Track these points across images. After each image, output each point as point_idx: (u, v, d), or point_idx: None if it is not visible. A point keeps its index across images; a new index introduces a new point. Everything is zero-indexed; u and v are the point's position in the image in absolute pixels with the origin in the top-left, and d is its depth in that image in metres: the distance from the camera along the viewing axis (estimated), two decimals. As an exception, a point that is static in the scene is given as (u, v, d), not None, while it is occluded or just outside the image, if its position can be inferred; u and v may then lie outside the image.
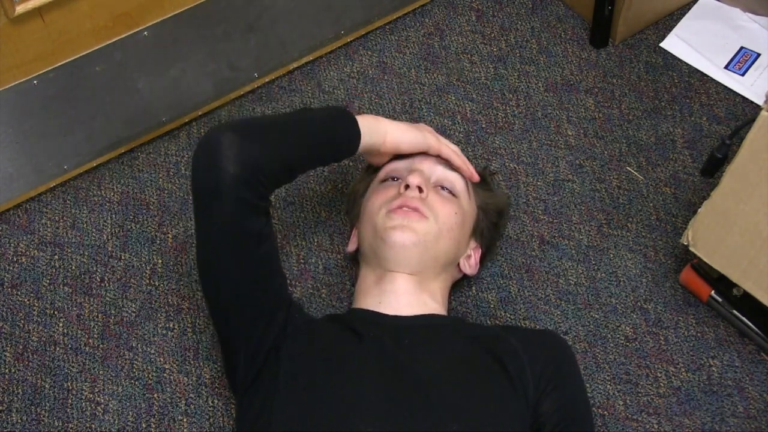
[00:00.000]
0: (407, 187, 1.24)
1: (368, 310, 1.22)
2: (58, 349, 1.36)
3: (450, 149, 1.30)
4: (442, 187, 1.28)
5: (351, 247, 1.34)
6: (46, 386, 1.33)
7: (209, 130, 1.14)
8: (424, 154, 1.31)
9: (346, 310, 1.34)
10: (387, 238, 1.20)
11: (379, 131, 1.24)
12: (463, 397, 1.11)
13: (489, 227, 1.34)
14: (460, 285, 1.40)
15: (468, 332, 1.22)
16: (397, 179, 1.28)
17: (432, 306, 1.23)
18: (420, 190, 1.24)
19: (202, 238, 1.17)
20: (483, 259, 1.36)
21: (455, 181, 1.29)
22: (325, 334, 1.19)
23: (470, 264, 1.32)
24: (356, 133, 1.20)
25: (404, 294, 1.22)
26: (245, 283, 1.16)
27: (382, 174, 1.32)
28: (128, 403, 1.32)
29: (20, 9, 1.24)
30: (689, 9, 1.72)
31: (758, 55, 1.65)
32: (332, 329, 1.20)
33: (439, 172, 1.29)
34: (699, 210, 1.28)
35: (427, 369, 1.13)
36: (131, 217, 1.49)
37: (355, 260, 1.37)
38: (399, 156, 1.31)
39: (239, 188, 1.10)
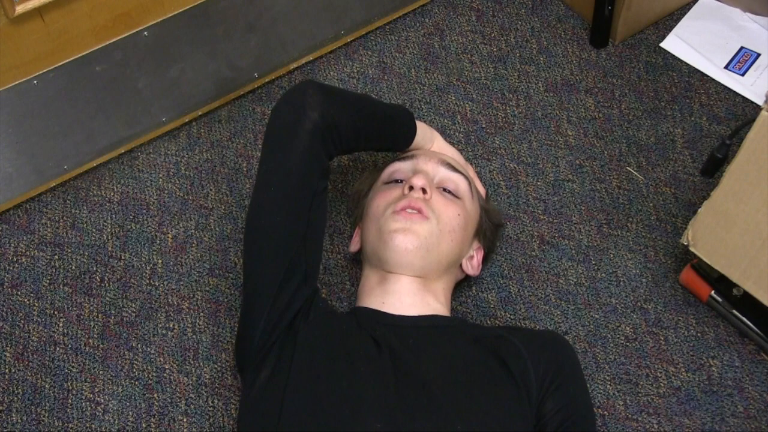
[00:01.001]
0: (411, 188, 1.24)
1: (372, 309, 1.22)
2: (58, 349, 1.36)
3: (482, 186, 1.41)
4: (445, 189, 1.28)
5: (354, 247, 1.34)
6: (46, 386, 1.33)
7: (297, 84, 1.22)
8: (427, 155, 1.31)
9: (348, 309, 1.34)
10: (390, 241, 1.21)
11: (430, 137, 1.35)
12: (468, 397, 1.11)
13: (491, 229, 1.35)
14: (460, 285, 1.40)
15: (471, 333, 1.22)
16: (401, 181, 1.29)
17: (435, 307, 1.23)
18: (424, 191, 1.24)
19: (264, 179, 1.20)
20: (485, 260, 1.36)
21: (459, 182, 1.29)
22: (340, 330, 1.19)
23: (473, 265, 1.32)
24: (414, 128, 1.30)
25: (407, 295, 1.22)
26: (289, 237, 1.17)
27: (385, 175, 1.32)
28: (128, 403, 1.32)
29: (20, 9, 1.24)
30: (689, 9, 1.72)
31: (758, 55, 1.65)
32: (347, 326, 1.20)
33: (443, 173, 1.30)
34: (699, 210, 1.28)
35: (432, 369, 1.13)
36: (131, 217, 1.49)
37: (357, 260, 1.37)
38: (402, 157, 1.32)
39: (315, 136, 1.18)
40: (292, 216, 1.18)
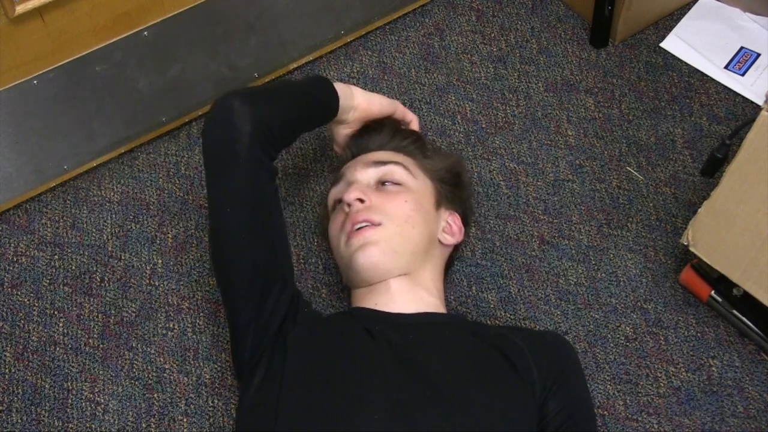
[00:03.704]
0: (349, 205, 1.24)
1: (369, 308, 1.22)
2: (58, 349, 1.36)
3: (414, 115, 1.41)
4: (384, 183, 1.27)
5: (345, 280, 1.34)
6: (46, 386, 1.33)
7: (216, 99, 1.19)
8: (353, 164, 1.31)
9: (346, 309, 1.34)
10: (355, 264, 1.21)
11: (350, 93, 1.31)
12: (473, 390, 1.11)
13: (452, 190, 1.33)
14: (459, 285, 1.40)
15: (472, 329, 1.22)
16: (341, 200, 1.28)
17: (429, 300, 1.23)
18: (361, 200, 1.24)
19: (216, 206, 1.19)
20: (466, 223, 1.35)
21: (393, 170, 1.28)
22: (332, 327, 1.20)
23: (452, 232, 1.30)
24: (335, 93, 1.28)
25: (398, 293, 1.22)
26: (257, 252, 1.17)
27: (329, 204, 1.32)
28: (128, 403, 1.32)
29: (20, 9, 1.24)
30: (689, 9, 1.72)
31: (758, 55, 1.65)
32: (339, 323, 1.21)
33: (372, 173, 1.29)
34: (699, 210, 1.28)
35: (434, 363, 1.13)
36: (131, 217, 1.49)
37: (348, 288, 1.36)
38: (334, 181, 1.32)
39: (254, 147, 1.17)
40: (255, 230, 1.18)
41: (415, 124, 1.42)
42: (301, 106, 1.25)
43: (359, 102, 1.32)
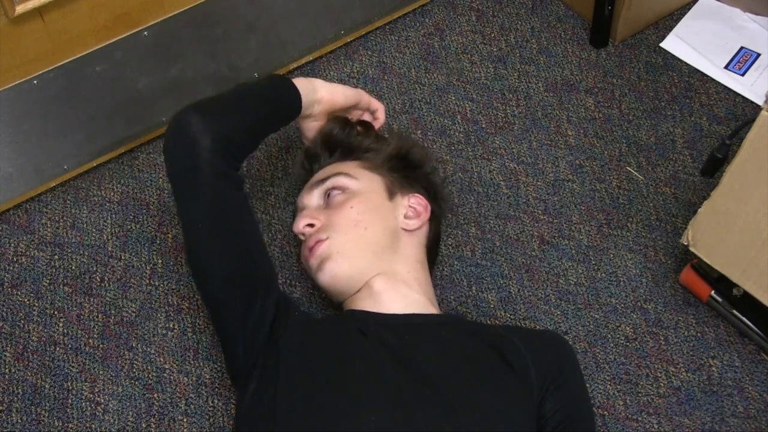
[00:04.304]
0: (303, 234, 1.26)
1: (362, 310, 1.22)
2: (58, 349, 1.36)
3: (380, 103, 1.39)
4: (331, 194, 1.28)
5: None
6: (46, 386, 1.33)
7: (173, 116, 1.19)
8: (301, 194, 1.32)
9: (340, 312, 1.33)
10: (321, 283, 1.24)
11: (312, 87, 1.29)
12: (471, 391, 1.10)
13: (403, 175, 1.32)
14: (459, 285, 1.40)
15: (469, 329, 1.22)
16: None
17: (414, 297, 1.23)
18: (311, 225, 1.25)
19: (188, 222, 1.19)
20: (435, 197, 1.33)
21: (334, 182, 1.28)
22: (325, 329, 1.20)
23: (415, 214, 1.28)
24: (296, 91, 1.26)
25: (382, 293, 1.22)
26: (234, 262, 1.17)
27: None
28: (128, 403, 1.32)
29: (20, 9, 1.24)
30: (689, 9, 1.72)
31: (758, 55, 1.65)
32: (332, 325, 1.21)
33: (317, 192, 1.29)
34: (699, 210, 1.28)
35: (431, 362, 1.13)
36: (131, 217, 1.49)
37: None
38: (293, 211, 1.33)
39: (216, 160, 1.16)
40: (229, 242, 1.18)
41: (381, 113, 1.40)
42: (262, 110, 1.24)
43: (322, 95, 1.30)
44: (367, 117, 1.40)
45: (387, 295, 1.22)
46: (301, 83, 1.27)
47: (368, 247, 1.23)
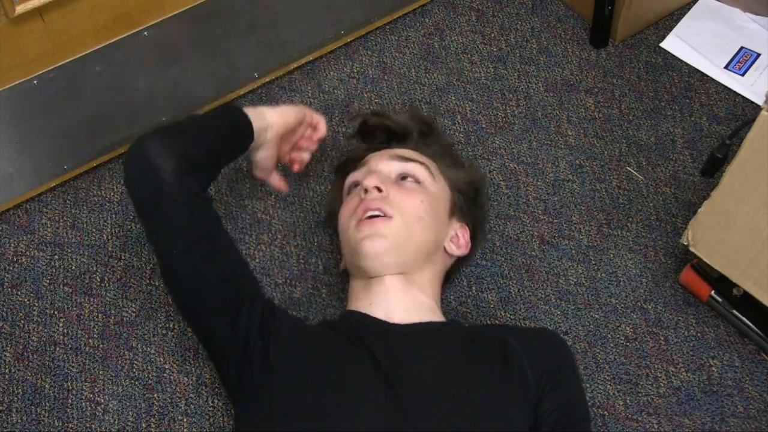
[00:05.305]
0: (366, 191, 1.24)
1: (362, 313, 1.21)
2: (58, 349, 1.36)
3: (321, 116, 1.40)
4: (405, 179, 1.28)
5: (342, 265, 1.35)
6: (46, 386, 1.33)
7: (132, 144, 1.18)
8: (378, 155, 1.31)
9: (339, 313, 1.33)
10: (360, 249, 1.21)
11: (261, 115, 1.29)
12: (466, 397, 1.11)
13: (468, 203, 1.33)
14: (459, 285, 1.40)
15: (466, 335, 1.22)
16: (358, 186, 1.28)
17: (422, 300, 1.23)
18: (379, 189, 1.23)
19: (159, 244, 1.18)
20: (474, 238, 1.34)
21: (414, 169, 1.28)
22: (319, 338, 1.19)
23: (458, 244, 1.30)
24: (247, 119, 1.26)
25: (393, 292, 1.21)
26: (212, 280, 1.16)
27: (345, 187, 1.33)
28: (128, 403, 1.32)
29: (20, 9, 1.24)
30: (689, 9, 1.72)
31: (758, 55, 1.65)
32: (327, 334, 1.20)
33: (396, 166, 1.29)
34: (699, 210, 1.28)
35: (426, 372, 1.13)
36: (131, 217, 1.49)
37: (346, 273, 1.36)
38: (357, 166, 1.32)
39: (181, 180, 1.15)
40: (205, 262, 1.16)
41: (322, 125, 1.40)
42: (217, 137, 1.23)
43: (272, 120, 1.30)
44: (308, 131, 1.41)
45: (397, 294, 1.21)
46: (250, 111, 1.27)
47: (416, 247, 1.23)
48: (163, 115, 1.53)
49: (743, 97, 1.61)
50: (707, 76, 1.64)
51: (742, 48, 1.66)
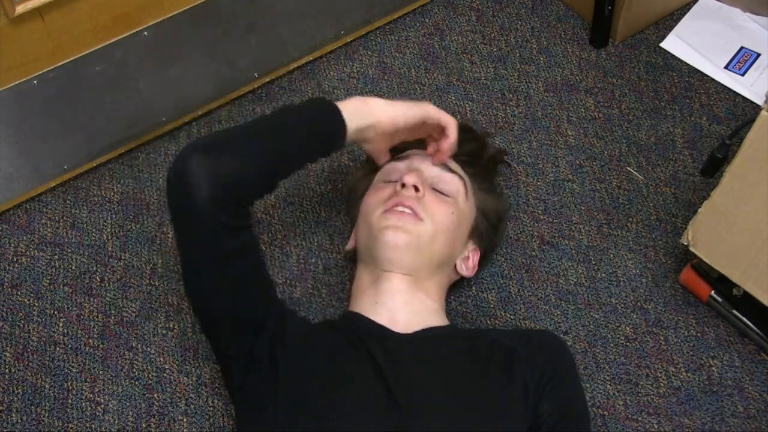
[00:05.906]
0: (403, 185, 1.23)
1: (363, 316, 1.21)
2: (58, 349, 1.36)
3: (450, 117, 1.26)
4: (438, 189, 1.27)
5: (350, 245, 1.34)
6: (46, 386, 1.33)
7: (180, 151, 1.13)
8: (421, 155, 1.31)
9: (341, 313, 1.33)
10: (380, 237, 1.20)
11: (368, 111, 1.19)
12: (465, 404, 1.11)
13: (488, 229, 1.34)
14: (459, 285, 1.40)
15: (465, 339, 1.21)
16: (395, 180, 1.28)
17: (428, 304, 1.23)
18: (416, 189, 1.23)
19: (184, 257, 1.17)
20: (481, 262, 1.35)
21: (452, 181, 1.29)
22: (322, 343, 1.19)
23: (467, 266, 1.31)
24: (339, 123, 1.16)
25: (399, 293, 1.21)
26: (232, 298, 1.16)
27: (380, 174, 1.32)
28: (128, 403, 1.32)
29: (20, 9, 1.24)
30: (689, 9, 1.72)
31: (758, 55, 1.65)
32: (328, 335, 1.20)
33: (436, 172, 1.29)
34: (699, 210, 1.28)
35: (426, 378, 1.13)
36: (131, 217, 1.49)
37: (353, 259, 1.37)
38: (398, 157, 1.31)
39: (215, 211, 1.10)
40: (226, 283, 1.15)
41: (452, 130, 1.27)
42: (282, 149, 1.14)
43: (381, 116, 1.19)
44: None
45: (403, 297, 1.21)
46: (353, 108, 1.17)
47: (432, 255, 1.23)
48: (163, 115, 1.53)
49: (743, 97, 1.61)
50: (707, 76, 1.64)
51: (742, 48, 1.66)
